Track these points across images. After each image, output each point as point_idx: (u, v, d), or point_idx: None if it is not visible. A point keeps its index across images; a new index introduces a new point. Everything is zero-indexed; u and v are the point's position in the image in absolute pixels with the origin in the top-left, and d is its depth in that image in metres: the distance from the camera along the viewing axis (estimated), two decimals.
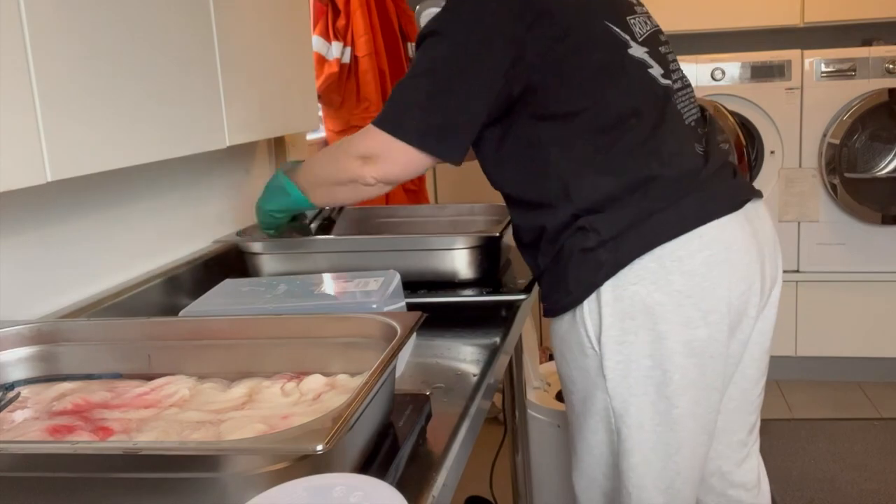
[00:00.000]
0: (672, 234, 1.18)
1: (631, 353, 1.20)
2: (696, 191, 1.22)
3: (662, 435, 1.23)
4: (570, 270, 1.24)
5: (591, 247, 1.21)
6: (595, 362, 1.23)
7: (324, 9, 2.44)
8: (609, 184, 1.20)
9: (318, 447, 0.64)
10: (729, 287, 1.20)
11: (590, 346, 1.23)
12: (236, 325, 1.00)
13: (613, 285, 1.20)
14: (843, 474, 2.66)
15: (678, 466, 1.25)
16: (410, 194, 2.74)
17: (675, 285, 1.18)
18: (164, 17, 1.28)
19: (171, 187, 1.55)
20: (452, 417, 0.98)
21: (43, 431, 0.83)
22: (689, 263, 1.18)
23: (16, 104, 0.98)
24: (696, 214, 1.20)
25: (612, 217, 1.20)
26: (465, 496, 2.17)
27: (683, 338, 1.19)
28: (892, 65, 3.13)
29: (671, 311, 1.18)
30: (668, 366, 1.20)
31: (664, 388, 1.21)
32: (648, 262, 1.18)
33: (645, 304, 1.18)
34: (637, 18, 1.29)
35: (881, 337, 3.30)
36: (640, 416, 1.22)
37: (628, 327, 1.20)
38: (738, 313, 1.23)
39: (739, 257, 1.22)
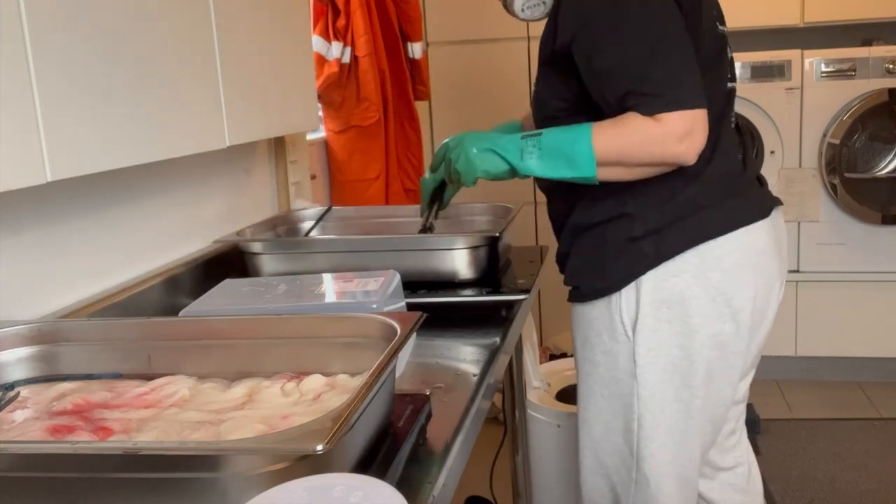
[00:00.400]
0: (715, 232, 1.24)
1: (662, 342, 1.25)
2: (739, 194, 1.28)
3: (680, 422, 1.29)
4: (611, 258, 1.27)
5: (636, 236, 1.25)
6: (626, 348, 1.27)
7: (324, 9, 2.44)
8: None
9: (318, 447, 0.64)
10: (755, 288, 1.26)
11: (622, 333, 1.27)
12: (236, 325, 1.00)
13: (654, 276, 1.24)
14: (843, 474, 2.66)
15: (690, 454, 1.31)
16: (410, 194, 2.74)
17: (712, 281, 1.23)
18: (164, 17, 1.28)
19: (171, 187, 1.55)
20: (452, 417, 0.98)
21: (43, 431, 0.83)
22: (727, 262, 1.24)
23: (16, 104, 0.98)
24: (736, 217, 1.26)
25: (660, 208, 1.24)
26: (465, 496, 2.17)
27: (712, 331, 1.25)
28: (892, 65, 3.13)
29: (705, 305, 1.24)
30: (695, 357, 1.25)
31: (689, 378, 1.26)
32: (691, 257, 1.23)
33: (683, 297, 1.24)
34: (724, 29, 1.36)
35: (881, 337, 3.30)
36: (663, 402, 1.28)
37: (662, 316, 1.25)
38: (760, 314, 1.30)
39: (766, 261, 1.28)
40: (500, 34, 3.28)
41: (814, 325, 3.32)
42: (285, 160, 1.99)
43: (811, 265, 3.29)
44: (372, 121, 2.52)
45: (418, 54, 2.79)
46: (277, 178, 2.00)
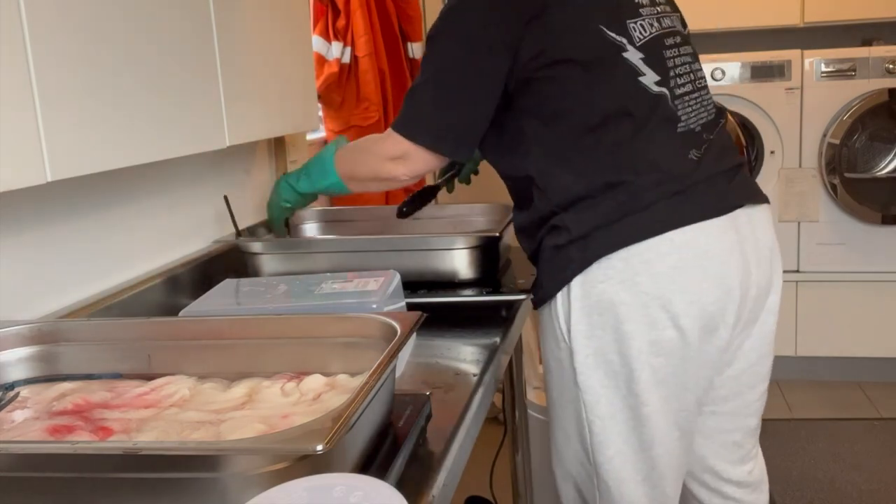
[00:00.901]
0: (641, 236, 1.20)
1: (599, 349, 1.23)
2: (676, 195, 1.22)
3: (634, 429, 1.25)
4: (544, 266, 1.29)
5: (562, 244, 1.24)
6: (567, 355, 1.26)
7: (324, 9, 2.44)
8: (582, 184, 1.23)
9: (318, 447, 0.64)
10: (700, 292, 1.20)
11: (562, 339, 1.27)
12: (236, 325, 1.00)
13: (581, 282, 1.23)
14: (843, 474, 2.66)
15: (653, 461, 1.27)
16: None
17: (641, 286, 1.19)
18: (164, 17, 1.28)
19: (171, 187, 1.55)
20: (452, 417, 0.98)
21: (43, 431, 0.83)
22: (658, 266, 1.19)
23: (16, 104, 0.98)
24: (669, 219, 1.20)
25: (582, 216, 1.23)
26: (465, 496, 2.16)
27: (649, 338, 1.21)
28: (892, 65, 3.13)
29: (636, 311, 1.20)
30: (634, 364, 1.21)
31: (632, 385, 1.23)
32: (616, 262, 1.20)
33: (611, 303, 1.21)
34: (642, 21, 1.28)
35: (881, 337, 3.30)
36: (611, 408, 1.25)
37: (595, 323, 1.22)
38: (712, 318, 1.22)
39: (714, 264, 1.22)
40: None
41: (814, 325, 3.32)
42: (285, 160, 1.99)
43: (811, 265, 3.29)
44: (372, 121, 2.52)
45: (418, 54, 2.79)
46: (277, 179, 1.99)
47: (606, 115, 1.23)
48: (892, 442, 2.86)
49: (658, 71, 1.26)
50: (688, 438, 1.30)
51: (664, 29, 1.31)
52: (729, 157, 1.33)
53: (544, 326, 1.32)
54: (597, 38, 1.23)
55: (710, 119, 1.33)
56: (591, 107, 1.23)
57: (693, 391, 1.26)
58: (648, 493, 1.28)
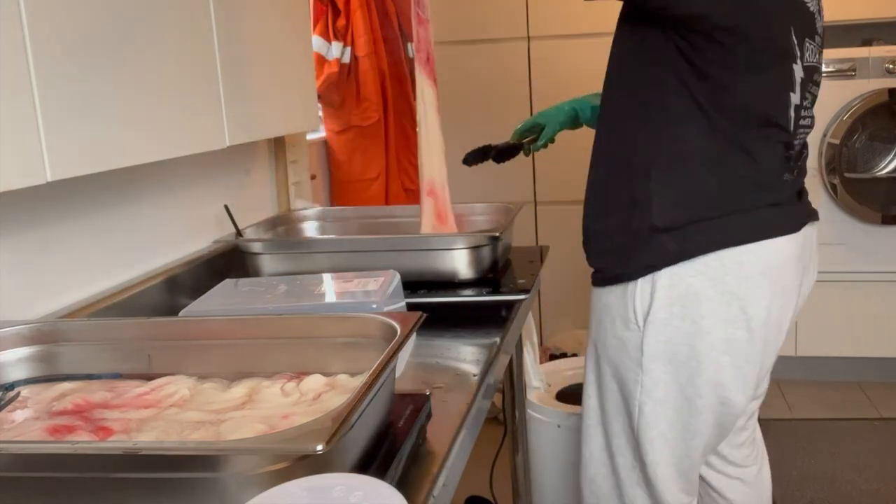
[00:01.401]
0: (739, 240, 1.24)
1: (672, 338, 1.26)
2: (770, 205, 1.27)
3: (682, 418, 1.30)
4: (633, 246, 1.28)
5: (660, 228, 1.25)
6: (636, 337, 1.29)
7: (324, 9, 2.44)
8: (696, 157, 1.24)
9: (318, 447, 0.64)
10: (772, 299, 1.26)
11: (634, 322, 1.28)
12: (236, 325, 1.00)
13: (671, 273, 1.25)
14: (843, 474, 2.66)
15: (689, 450, 1.32)
16: (410, 194, 2.74)
17: (729, 286, 1.23)
18: (164, 18, 1.28)
19: (171, 187, 1.55)
20: (452, 417, 0.98)
21: (43, 431, 0.83)
22: (748, 269, 1.24)
23: (16, 104, 0.98)
24: (764, 227, 1.25)
25: (681, 202, 1.25)
26: (465, 496, 2.17)
27: (724, 335, 1.25)
28: (892, 65, 3.13)
29: (719, 308, 1.24)
30: (704, 358, 1.26)
31: (696, 378, 1.27)
32: (712, 260, 1.24)
33: (697, 297, 1.24)
34: (812, 46, 1.31)
35: (881, 337, 3.30)
36: (667, 394, 1.29)
37: (675, 313, 1.25)
38: (775, 326, 1.29)
39: (787, 275, 1.28)
40: (500, 34, 3.28)
41: (814, 325, 3.32)
42: (285, 160, 1.99)
43: None
44: (372, 121, 2.52)
45: None
46: (277, 178, 1.99)
47: (749, 107, 1.23)
48: (892, 442, 2.86)
49: (801, 96, 1.29)
50: (724, 435, 1.36)
51: (817, 63, 1.35)
52: (800, 181, 1.39)
53: (609, 304, 1.32)
54: (784, 35, 1.24)
55: (799, 149, 1.36)
56: (742, 93, 1.22)
57: (745, 394, 1.30)
58: (676, 479, 1.34)
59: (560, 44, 3.23)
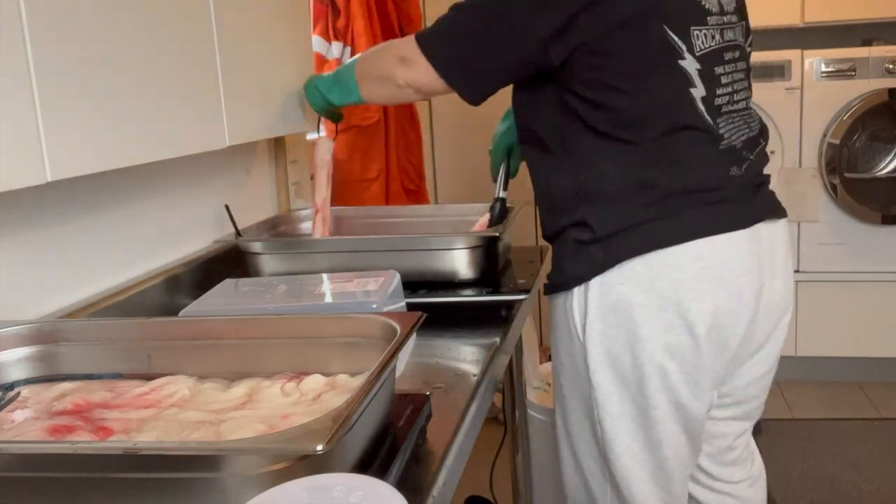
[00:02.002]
0: (665, 243, 1.19)
1: (612, 349, 1.23)
2: (705, 206, 1.21)
3: (643, 429, 1.25)
4: (564, 258, 1.28)
5: (585, 241, 1.23)
6: (580, 351, 1.26)
7: (324, 9, 2.44)
8: (612, 175, 1.22)
9: (318, 447, 0.64)
10: (716, 302, 1.20)
11: (576, 336, 1.26)
12: (236, 325, 1.00)
13: (601, 282, 1.22)
14: (843, 474, 2.66)
15: (661, 461, 1.27)
16: (410, 194, 2.74)
17: (660, 290, 1.19)
18: (164, 17, 1.28)
19: (171, 187, 1.55)
20: (452, 417, 0.98)
21: (43, 431, 0.83)
22: (679, 273, 1.19)
23: (16, 104, 0.98)
24: (695, 228, 1.20)
25: (608, 215, 1.22)
26: (465, 496, 2.16)
27: (663, 342, 1.20)
28: (892, 65, 3.13)
29: (652, 315, 1.20)
30: (646, 367, 1.21)
31: (643, 388, 1.23)
32: (637, 266, 1.20)
33: (628, 305, 1.20)
34: (706, 30, 1.24)
35: (881, 337, 3.30)
36: (621, 407, 1.25)
37: (611, 323, 1.22)
38: (724, 329, 1.22)
39: (733, 276, 1.21)
40: None
41: (814, 325, 3.32)
42: (285, 160, 1.99)
43: (811, 265, 3.29)
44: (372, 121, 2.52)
45: None
46: (277, 178, 1.99)
47: (647, 116, 1.21)
48: (892, 442, 2.86)
49: (708, 86, 1.24)
50: (696, 443, 1.31)
51: (725, 42, 1.28)
52: (761, 175, 1.33)
53: (557, 317, 1.31)
54: (658, 36, 1.20)
55: (751, 135, 1.32)
56: (634, 106, 1.20)
57: (702, 399, 1.26)
58: (655, 492, 1.29)
59: None
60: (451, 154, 3.28)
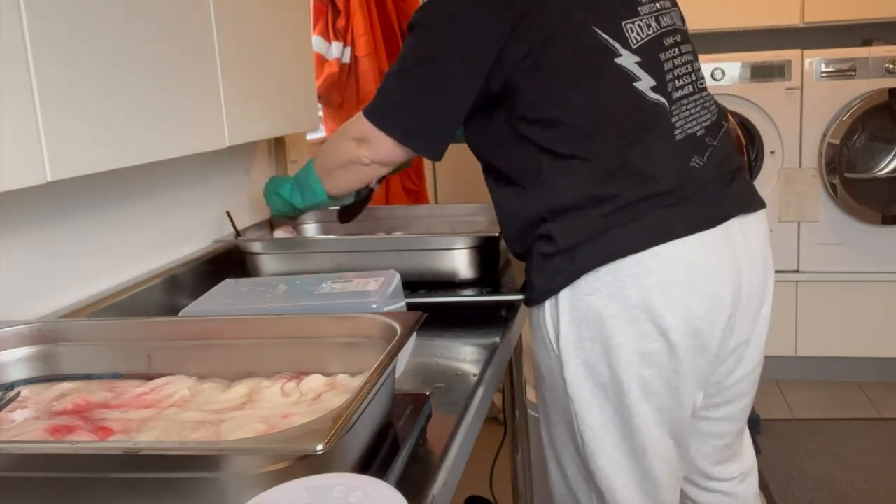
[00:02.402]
0: (628, 250, 1.17)
1: (588, 360, 1.22)
2: (668, 208, 1.19)
3: (626, 438, 1.24)
4: (534, 272, 1.27)
5: (550, 253, 1.22)
6: (557, 364, 1.25)
7: (324, 9, 2.44)
8: (572, 194, 1.20)
9: (318, 447, 0.64)
10: (689, 306, 1.18)
11: (552, 349, 1.25)
12: (236, 325, 1.00)
13: (569, 295, 1.21)
14: (843, 474, 2.66)
15: (646, 470, 1.26)
16: (410, 194, 2.74)
17: (629, 299, 1.17)
18: (164, 17, 1.28)
19: (171, 187, 1.55)
20: (452, 417, 0.98)
21: (43, 431, 0.83)
22: (646, 279, 1.17)
23: (16, 104, 0.98)
24: (657, 232, 1.18)
25: (569, 227, 1.20)
26: (465, 496, 2.16)
27: (638, 350, 1.19)
28: (892, 65, 3.13)
29: (624, 324, 1.18)
30: (623, 377, 1.20)
31: (623, 398, 1.21)
32: (603, 275, 1.18)
33: (599, 316, 1.19)
34: (639, 22, 1.23)
35: (881, 337, 3.30)
36: (602, 418, 1.23)
37: (584, 335, 1.21)
38: (700, 331, 1.20)
39: (704, 276, 1.19)
40: None
41: (814, 325, 3.32)
42: (285, 160, 1.99)
43: (811, 265, 3.29)
44: None
45: None
46: None
47: (597, 123, 1.19)
48: (892, 442, 2.86)
49: (655, 75, 1.21)
50: (682, 447, 1.29)
51: (663, 28, 1.26)
52: (730, 162, 1.29)
53: (534, 331, 1.31)
54: (589, 40, 1.18)
55: (712, 121, 1.29)
56: (580, 114, 1.19)
57: (684, 402, 1.24)
58: (643, 500, 1.27)
59: None
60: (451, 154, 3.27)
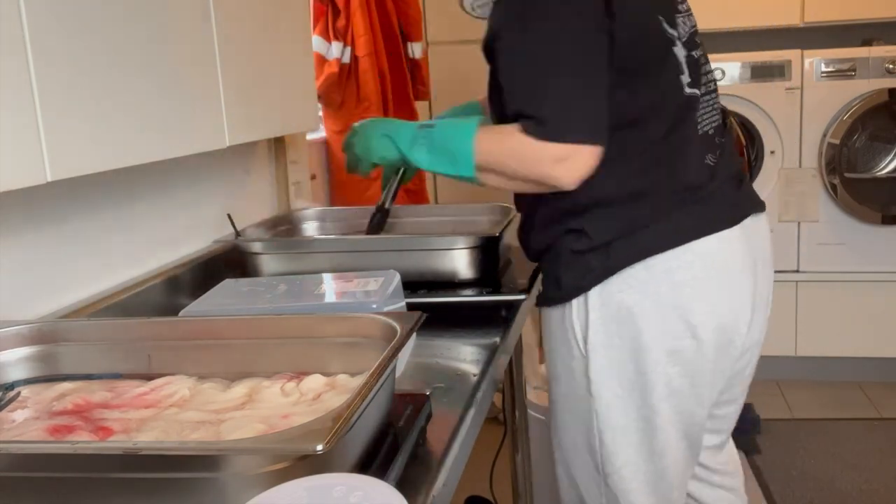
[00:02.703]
0: (664, 246, 1.18)
1: (615, 358, 1.21)
2: (696, 204, 1.21)
3: (645, 440, 1.24)
4: (561, 268, 1.26)
5: (582, 250, 1.22)
6: (581, 364, 1.25)
7: (324, 9, 2.44)
8: (611, 187, 1.20)
9: (318, 447, 0.64)
10: (717, 303, 1.20)
11: (576, 347, 1.25)
12: (236, 325, 1.00)
13: (601, 291, 1.21)
14: (843, 474, 2.66)
15: (662, 472, 1.26)
16: (410, 194, 2.74)
17: (662, 296, 1.18)
18: (164, 17, 1.28)
19: (171, 187, 1.55)
20: (452, 417, 0.98)
21: (43, 431, 0.83)
22: (679, 276, 1.18)
23: (16, 104, 0.98)
24: (691, 228, 1.19)
25: (603, 223, 1.20)
26: (465, 496, 2.17)
27: (667, 348, 1.19)
28: (892, 65, 3.13)
29: (656, 322, 1.19)
30: (651, 375, 1.21)
31: (648, 396, 1.22)
32: (638, 272, 1.19)
33: (630, 313, 1.19)
34: (683, 17, 1.25)
35: (881, 337, 3.30)
36: (624, 418, 1.23)
37: (613, 332, 1.21)
38: (727, 330, 1.22)
39: (731, 275, 1.21)
40: None
41: (814, 325, 3.32)
42: (285, 160, 1.99)
43: (811, 265, 3.29)
44: None
45: (418, 54, 2.79)
46: (277, 178, 1.99)
47: (644, 111, 1.19)
48: (892, 442, 2.86)
49: (691, 71, 1.23)
50: (696, 449, 1.30)
51: (693, 28, 1.28)
52: (735, 163, 1.32)
53: (553, 331, 1.30)
54: (657, 29, 1.19)
55: (719, 121, 1.31)
56: (634, 100, 1.18)
57: (704, 402, 1.26)
58: (659, 500, 1.28)
59: None
60: None
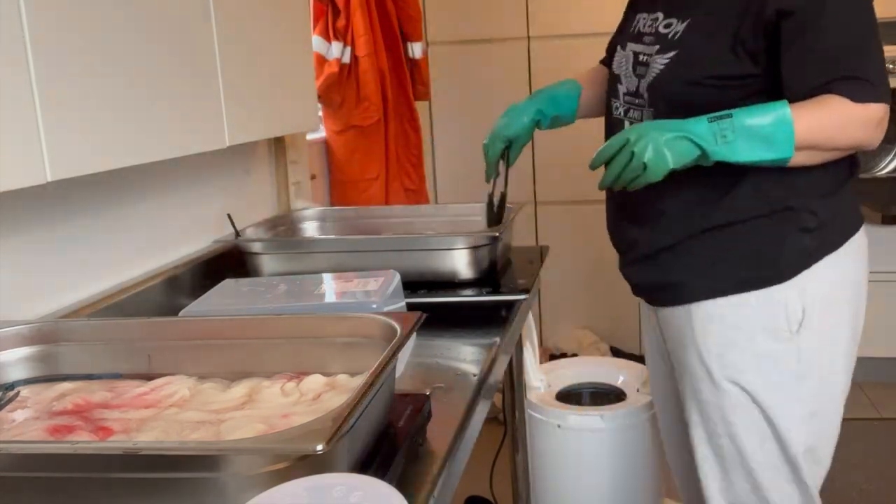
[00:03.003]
0: (858, 225, 1.36)
1: (833, 327, 1.31)
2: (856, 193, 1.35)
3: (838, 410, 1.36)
4: (765, 252, 1.27)
5: (809, 228, 1.27)
6: (791, 345, 1.27)
7: (324, 9, 2.44)
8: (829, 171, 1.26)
9: (318, 447, 0.64)
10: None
11: (786, 330, 1.27)
12: (236, 325, 1.00)
13: (816, 272, 1.28)
14: (843, 474, 2.65)
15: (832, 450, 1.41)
16: (410, 194, 2.74)
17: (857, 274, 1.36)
18: (164, 17, 1.28)
19: (171, 187, 1.55)
20: (452, 417, 0.98)
21: (43, 431, 0.83)
22: (861, 254, 1.39)
23: (16, 104, 0.98)
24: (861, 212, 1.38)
25: (824, 201, 1.27)
26: (465, 496, 2.16)
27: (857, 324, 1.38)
28: (892, 65, 3.12)
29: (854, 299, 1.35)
30: (856, 340, 1.37)
31: (850, 365, 1.37)
32: (849, 251, 1.32)
33: (848, 283, 1.33)
34: None
35: (881, 337, 3.29)
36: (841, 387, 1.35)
37: (831, 300, 1.31)
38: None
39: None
40: (500, 34, 3.28)
41: None
42: (285, 160, 1.99)
43: None
44: (372, 121, 2.52)
45: (418, 54, 2.79)
46: (277, 178, 1.99)
47: None
48: (892, 442, 2.86)
49: None
50: None
51: None
52: None
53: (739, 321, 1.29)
54: None
55: None
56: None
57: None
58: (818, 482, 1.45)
59: (560, 44, 3.23)
60: (450, 154, 3.28)
